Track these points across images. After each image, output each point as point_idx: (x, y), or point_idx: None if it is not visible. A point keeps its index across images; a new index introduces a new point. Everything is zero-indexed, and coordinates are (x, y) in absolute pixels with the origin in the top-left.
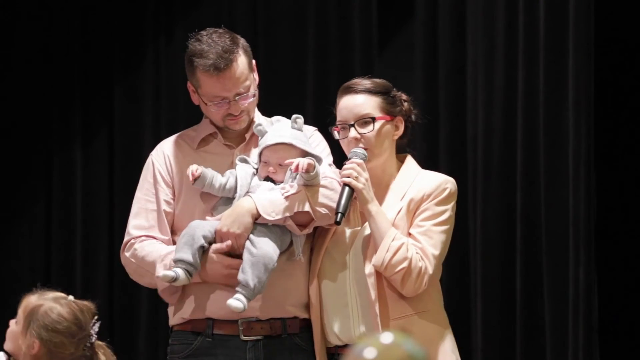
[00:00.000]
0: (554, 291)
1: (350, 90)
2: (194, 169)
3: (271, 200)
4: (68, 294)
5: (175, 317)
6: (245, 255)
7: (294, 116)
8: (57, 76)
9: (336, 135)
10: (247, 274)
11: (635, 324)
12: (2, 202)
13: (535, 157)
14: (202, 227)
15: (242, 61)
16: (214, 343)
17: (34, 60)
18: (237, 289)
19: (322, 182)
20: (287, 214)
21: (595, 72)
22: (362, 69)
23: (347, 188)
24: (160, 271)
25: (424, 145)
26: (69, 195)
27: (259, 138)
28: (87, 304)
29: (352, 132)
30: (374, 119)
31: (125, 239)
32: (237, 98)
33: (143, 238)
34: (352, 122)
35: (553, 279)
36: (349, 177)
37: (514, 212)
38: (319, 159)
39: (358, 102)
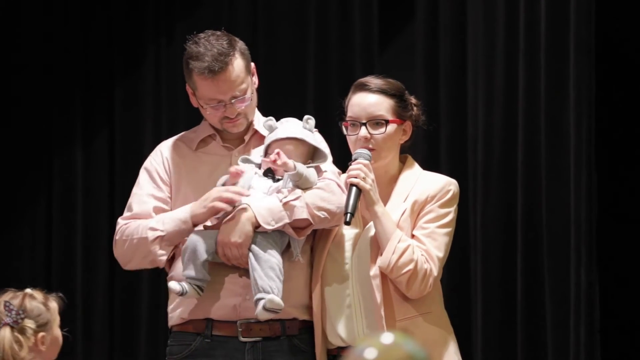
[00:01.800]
0: (555, 291)
1: (365, 88)
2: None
3: (269, 208)
4: (69, 293)
5: (174, 318)
6: (259, 269)
7: (306, 117)
8: (57, 76)
9: (344, 130)
10: (264, 280)
11: (636, 324)
12: (3, 202)
13: (536, 157)
14: (202, 241)
15: (238, 64)
16: (213, 344)
17: (35, 61)
18: (260, 295)
19: (319, 184)
20: (286, 222)
21: (597, 71)
22: (363, 69)
23: (354, 189)
24: (170, 283)
25: (424, 146)
26: (69, 195)
27: (267, 133)
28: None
29: (363, 131)
30: (386, 122)
31: (116, 229)
32: (233, 101)
33: (130, 221)
34: (364, 121)
35: (554, 279)
36: (356, 177)
37: (515, 212)
38: (324, 156)
39: (372, 102)
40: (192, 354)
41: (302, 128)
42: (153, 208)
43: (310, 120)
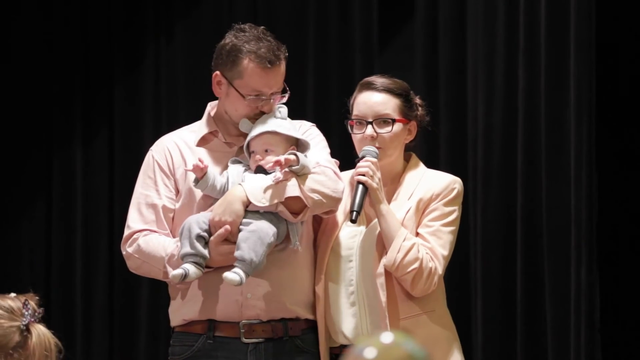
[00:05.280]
0: (555, 291)
1: (371, 87)
2: (199, 161)
3: (261, 186)
4: (69, 293)
5: (176, 318)
6: (240, 234)
7: (277, 106)
8: (57, 75)
9: (350, 129)
10: (242, 249)
11: (637, 323)
12: (2, 201)
13: (536, 157)
14: (196, 219)
15: (285, 61)
16: (215, 345)
17: (34, 60)
18: (235, 264)
19: (314, 169)
20: (277, 200)
21: (597, 71)
22: (363, 69)
23: (361, 186)
24: (171, 273)
25: (424, 146)
26: (69, 194)
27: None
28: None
29: (369, 130)
30: (393, 121)
31: (126, 232)
32: (272, 97)
33: (146, 232)
34: (371, 120)
35: (555, 278)
36: (364, 175)
37: (515, 212)
38: (306, 144)
39: (378, 101)
40: (194, 355)
41: (274, 119)
42: (162, 207)
43: (282, 109)
